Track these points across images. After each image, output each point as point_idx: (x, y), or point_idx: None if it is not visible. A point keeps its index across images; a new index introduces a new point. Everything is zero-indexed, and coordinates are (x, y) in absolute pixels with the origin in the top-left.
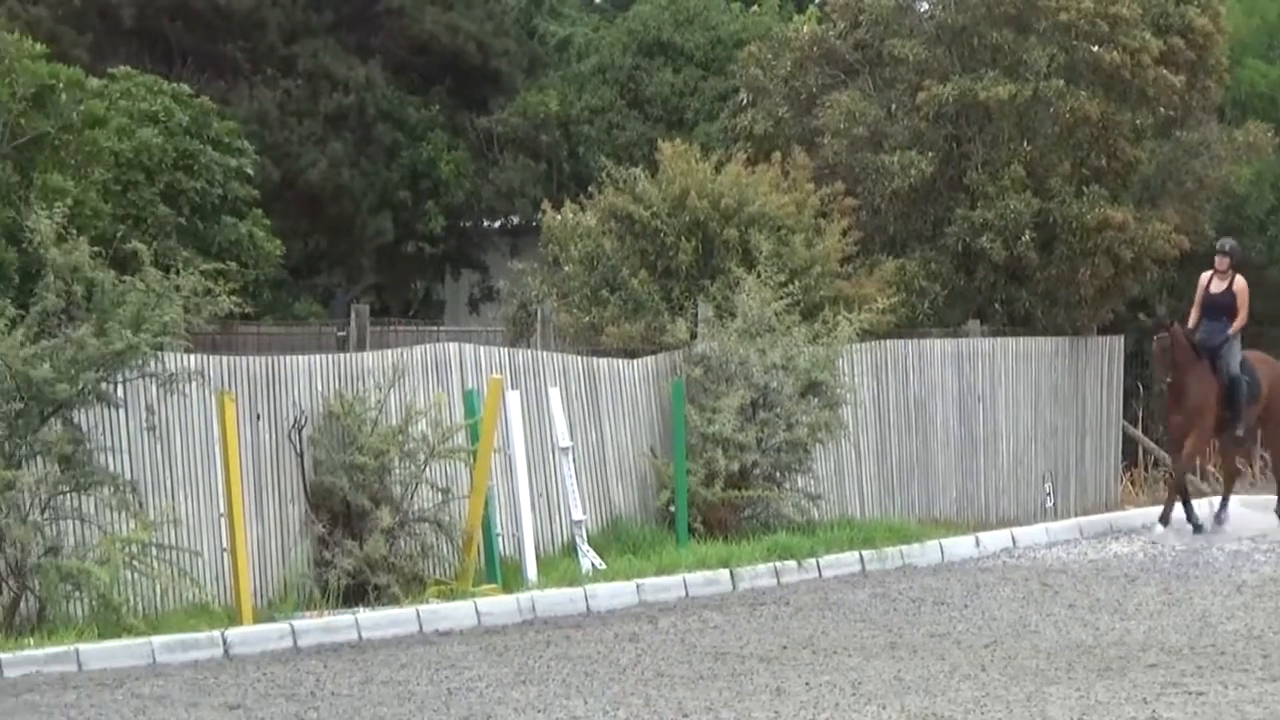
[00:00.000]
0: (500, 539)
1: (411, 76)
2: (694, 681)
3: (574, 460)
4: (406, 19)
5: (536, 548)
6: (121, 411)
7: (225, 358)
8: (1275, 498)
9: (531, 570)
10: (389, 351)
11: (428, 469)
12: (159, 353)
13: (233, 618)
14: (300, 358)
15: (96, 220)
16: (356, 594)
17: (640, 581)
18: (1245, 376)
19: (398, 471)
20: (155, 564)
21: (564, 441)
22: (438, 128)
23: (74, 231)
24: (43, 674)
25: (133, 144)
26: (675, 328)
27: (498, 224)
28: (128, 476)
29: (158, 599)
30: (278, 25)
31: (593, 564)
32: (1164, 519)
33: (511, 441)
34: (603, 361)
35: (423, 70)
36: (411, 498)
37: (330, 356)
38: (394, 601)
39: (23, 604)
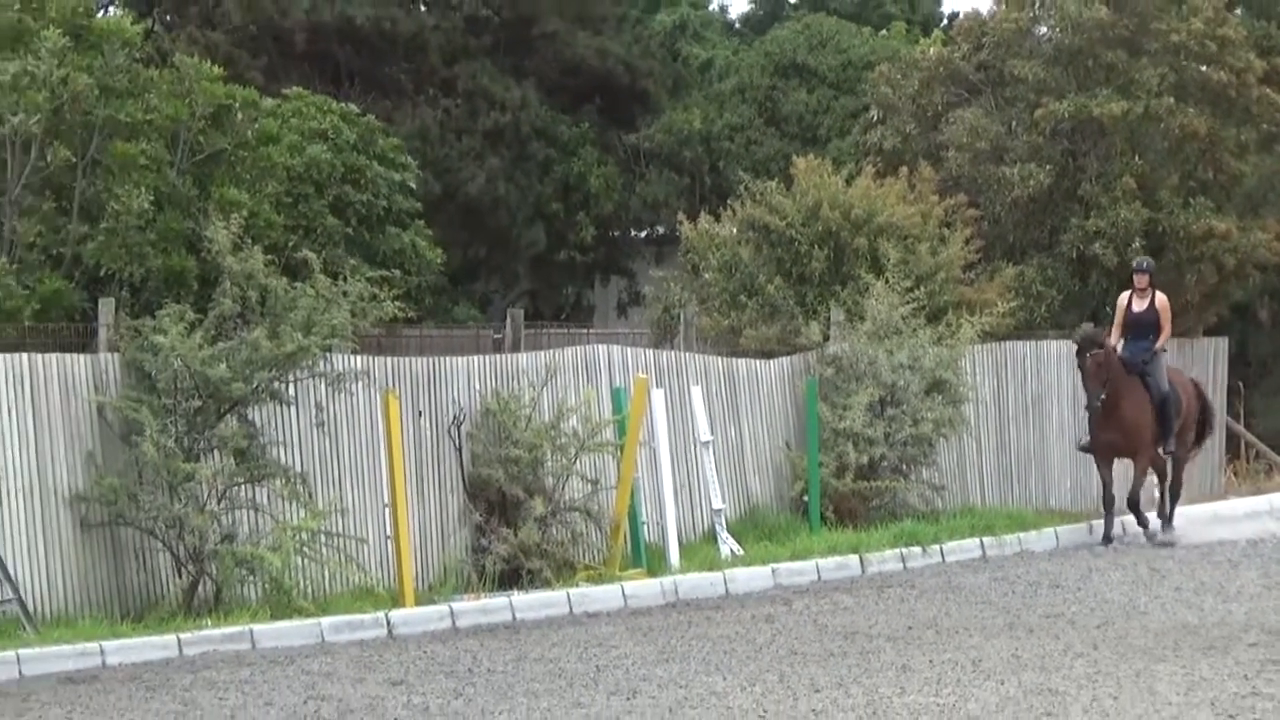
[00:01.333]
0: (645, 527)
1: (564, 96)
2: (825, 659)
3: (714, 453)
4: (559, 43)
5: (679, 535)
6: (292, 408)
7: (389, 359)
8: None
9: (674, 556)
10: (542, 353)
11: (578, 461)
12: (328, 354)
13: (396, 600)
14: (459, 359)
15: (269, 230)
16: (511, 578)
17: (775, 566)
18: (1171, 394)
19: (550, 464)
20: (324, 550)
21: (705, 436)
22: (588, 144)
23: (249, 241)
24: (219, 652)
25: (303, 159)
26: (809, 330)
27: (644, 234)
28: (298, 469)
29: (326, 583)
30: (439, 48)
31: (731, 550)
32: (1107, 538)
33: (656, 436)
34: (741, 362)
35: (574, 90)
36: (563, 488)
37: (487, 357)
38: (546, 585)
39: (201, 587)
